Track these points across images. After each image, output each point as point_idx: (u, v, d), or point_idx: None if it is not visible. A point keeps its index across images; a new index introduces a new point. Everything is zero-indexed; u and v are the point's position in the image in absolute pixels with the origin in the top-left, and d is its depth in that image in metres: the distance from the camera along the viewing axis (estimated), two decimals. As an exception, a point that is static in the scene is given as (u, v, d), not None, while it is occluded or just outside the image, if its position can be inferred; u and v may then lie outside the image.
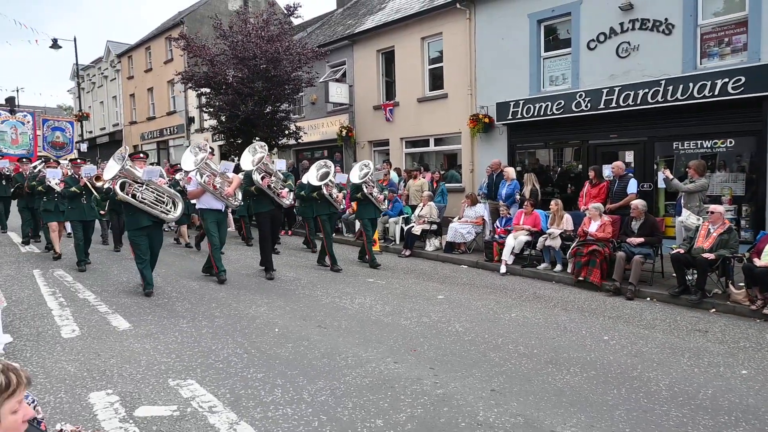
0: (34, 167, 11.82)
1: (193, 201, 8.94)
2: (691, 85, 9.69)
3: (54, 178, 9.71)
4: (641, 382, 4.43)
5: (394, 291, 7.68)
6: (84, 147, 26.75)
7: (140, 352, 5.06)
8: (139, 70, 31.19)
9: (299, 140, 17.04)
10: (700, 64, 9.95)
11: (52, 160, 12.27)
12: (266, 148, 8.61)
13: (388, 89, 16.61)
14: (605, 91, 10.86)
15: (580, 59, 11.55)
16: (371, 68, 16.70)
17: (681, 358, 5.08)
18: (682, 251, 7.23)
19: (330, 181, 9.62)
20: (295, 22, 18.72)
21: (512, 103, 12.53)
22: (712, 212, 7.22)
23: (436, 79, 15.04)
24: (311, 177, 9.68)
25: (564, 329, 5.98)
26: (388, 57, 16.40)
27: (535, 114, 12.10)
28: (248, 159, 8.37)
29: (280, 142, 16.87)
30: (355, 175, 9.69)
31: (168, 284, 7.92)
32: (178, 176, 11.42)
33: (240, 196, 8.72)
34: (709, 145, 10.00)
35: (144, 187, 6.86)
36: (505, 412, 3.86)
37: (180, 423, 3.64)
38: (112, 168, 7.02)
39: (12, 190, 12.55)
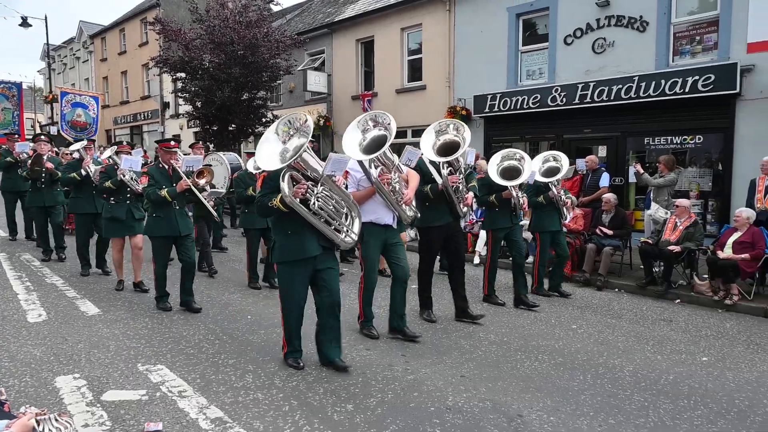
0: (72, 153, 7.99)
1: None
2: (663, 81, 9.89)
3: (131, 169, 6.51)
4: (606, 369, 4.56)
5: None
6: (54, 130, 26.04)
7: (109, 337, 4.99)
8: (113, 52, 30.44)
9: (276, 128, 16.86)
10: (673, 61, 10.17)
11: (121, 145, 7.27)
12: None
13: (367, 79, 16.54)
14: (580, 86, 11.01)
15: (556, 54, 11.68)
16: (350, 58, 16.60)
17: (645, 345, 5.23)
18: (650, 243, 7.42)
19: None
20: (274, 8, 18.44)
21: (489, 96, 12.62)
22: (678, 206, 7.43)
23: (415, 71, 15.04)
24: (492, 170, 6.24)
25: (534, 318, 6.09)
26: (368, 47, 16.32)
27: (512, 107, 12.21)
28: (429, 140, 5.41)
29: (256, 130, 16.69)
30: (535, 170, 6.61)
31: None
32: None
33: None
34: (679, 141, 10.24)
35: (321, 188, 3.92)
36: (473, 397, 3.93)
37: (149, 407, 3.62)
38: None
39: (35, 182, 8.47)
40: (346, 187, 4.28)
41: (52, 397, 3.71)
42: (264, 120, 16.45)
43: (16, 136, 10.81)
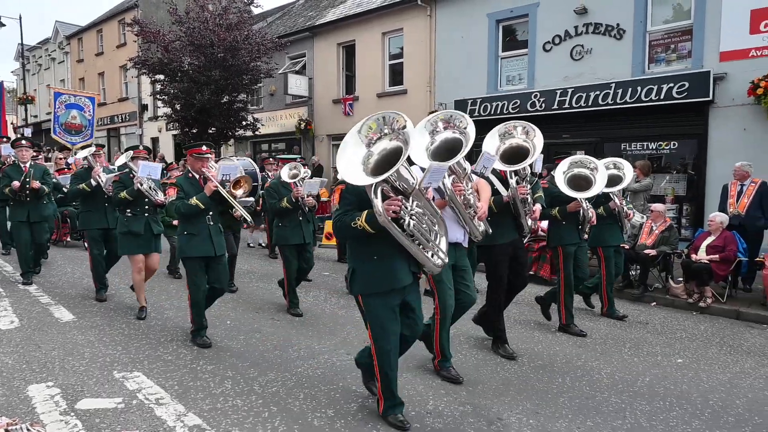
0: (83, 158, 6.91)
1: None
2: (639, 88, 10.09)
3: (150, 177, 5.74)
4: (584, 371, 4.62)
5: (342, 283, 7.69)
6: (28, 132, 25.49)
7: (84, 344, 4.89)
8: (90, 53, 29.92)
9: (257, 132, 16.78)
10: (648, 68, 10.38)
11: (137, 150, 6.54)
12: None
13: (348, 83, 16.54)
14: (559, 92, 11.17)
15: (535, 60, 11.83)
16: (331, 61, 16.59)
17: (622, 348, 5.31)
18: (626, 247, 7.54)
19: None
20: (255, 11, 18.38)
21: (470, 101, 12.72)
22: (653, 211, 7.58)
23: (396, 75, 15.08)
24: (559, 179, 5.52)
25: (514, 322, 6.13)
26: (349, 51, 16.33)
27: (492, 112, 12.32)
28: (493, 145, 4.77)
29: (236, 134, 16.56)
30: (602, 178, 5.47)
31: (116, 276, 7.66)
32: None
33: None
34: (654, 147, 10.45)
35: (414, 204, 3.22)
36: (454, 401, 3.94)
37: (125, 415, 3.55)
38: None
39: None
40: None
41: (25, 407, 3.61)
42: (244, 123, 16.34)
43: (4, 139, 9.81)
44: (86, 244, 9.38)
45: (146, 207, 5.76)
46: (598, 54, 10.82)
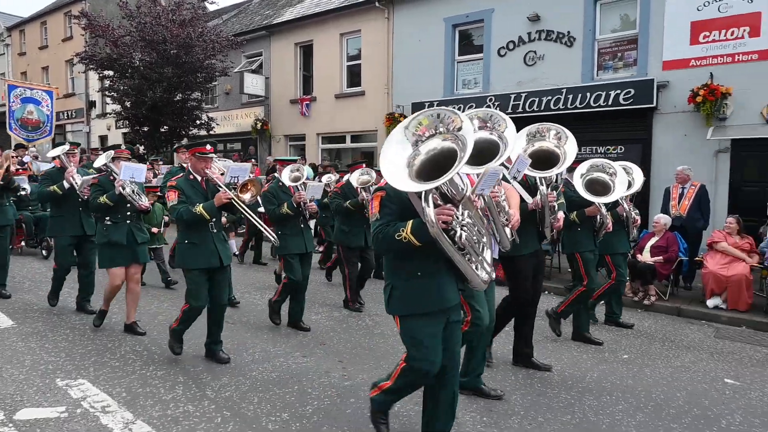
0: (52, 158, 6.34)
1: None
2: (588, 94, 10.46)
3: (133, 179, 5.13)
4: (536, 369, 4.73)
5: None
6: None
7: (24, 351, 4.66)
8: (33, 46, 28.51)
9: (211, 131, 16.41)
10: (597, 75, 10.77)
11: (118, 149, 5.69)
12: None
13: (306, 83, 16.42)
14: (513, 96, 11.44)
15: (491, 65, 12.08)
16: (289, 61, 16.42)
17: (572, 345, 5.48)
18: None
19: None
20: (210, 8, 17.98)
21: (427, 104, 12.82)
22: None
23: (354, 76, 15.08)
24: (578, 182, 5.15)
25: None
26: (307, 51, 16.22)
27: (449, 115, 12.48)
28: (519, 146, 4.39)
29: (190, 133, 16.15)
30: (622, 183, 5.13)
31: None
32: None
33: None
34: (603, 151, 10.84)
35: (465, 213, 2.89)
36: (409, 401, 3.94)
37: (68, 424, 3.40)
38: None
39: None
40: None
41: (-43, 419, 3.41)
42: (198, 122, 15.96)
43: None
44: (44, 252, 8.79)
45: (128, 213, 5.14)
46: (550, 60, 11.15)
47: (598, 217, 5.28)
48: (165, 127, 15.51)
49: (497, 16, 11.89)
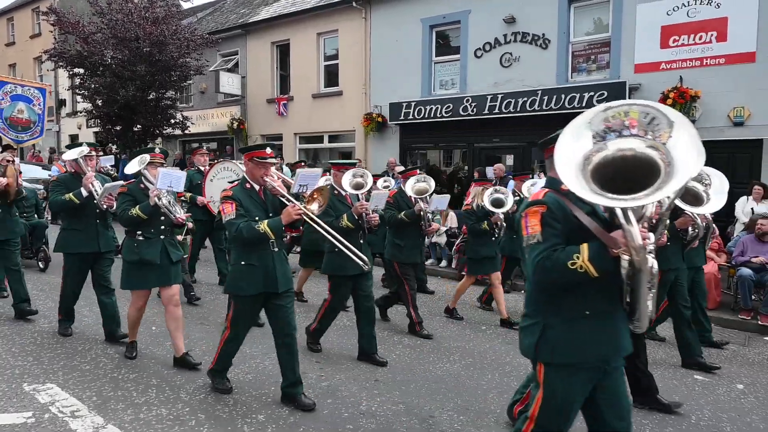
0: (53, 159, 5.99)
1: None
2: (563, 96, 10.60)
3: (170, 188, 4.41)
4: (512, 367, 4.78)
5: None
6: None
7: (-11, 355, 4.51)
8: (-1, 43, 27.73)
9: (186, 130, 16.17)
10: (571, 77, 10.93)
11: (153, 153, 4.76)
12: None
13: (283, 83, 16.28)
14: (489, 97, 11.53)
15: (467, 66, 12.16)
16: (265, 60, 16.27)
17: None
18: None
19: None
20: (184, 5, 17.75)
21: (404, 104, 12.87)
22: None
23: (332, 76, 15.02)
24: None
25: (447, 321, 6.26)
26: (283, 50, 16.09)
27: (426, 116, 12.54)
28: None
29: (164, 132, 15.88)
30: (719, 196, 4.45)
31: (28, 281, 7.12)
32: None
33: None
34: (577, 152, 11.01)
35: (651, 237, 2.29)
36: (387, 401, 3.96)
37: (35, 430, 3.31)
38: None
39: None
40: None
41: None
42: (173, 121, 15.70)
43: None
44: (41, 264, 7.90)
45: (162, 228, 4.44)
46: (526, 62, 11.27)
47: (690, 229, 4.72)
48: (138, 126, 15.21)
49: (474, 18, 11.98)
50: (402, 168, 10.06)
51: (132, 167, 4.47)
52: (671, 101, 9.33)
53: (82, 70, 14.98)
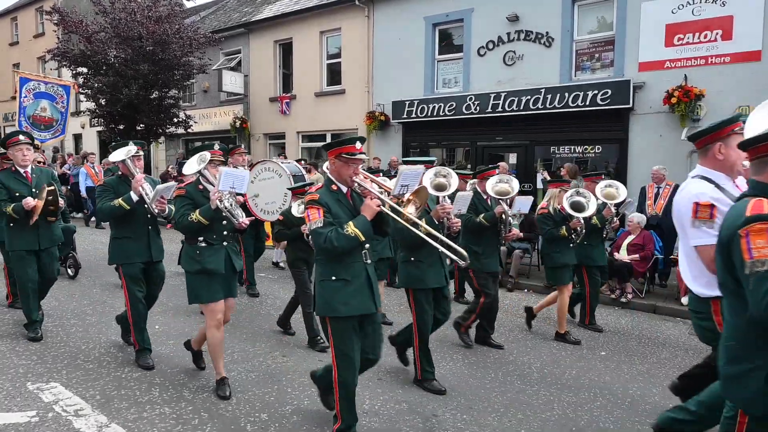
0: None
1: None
2: (566, 94, 10.56)
3: (233, 190, 3.95)
4: (515, 366, 4.77)
5: (286, 286, 7.56)
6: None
7: (-7, 354, 4.52)
8: (3, 42, 27.75)
9: (189, 129, 16.19)
10: (575, 76, 10.89)
11: (213, 150, 4.24)
12: None
13: (285, 81, 16.28)
14: (492, 95, 11.50)
15: (470, 64, 12.12)
16: (268, 59, 16.27)
17: (551, 342, 5.53)
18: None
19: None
20: (187, 4, 17.74)
21: (407, 103, 12.85)
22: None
23: (335, 75, 15.01)
24: None
25: (450, 320, 6.23)
26: (286, 48, 16.08)
27: (429, 114, 12.52)
28: None
29: (167, 131, 15.90)
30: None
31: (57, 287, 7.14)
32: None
33: None
34: (581, 150, 10.98)
35: None
36: (390, 400, 3.95)
37: (39, 429, 3.31)
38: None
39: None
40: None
41: None
42: (176, 120, 15.72)
43: None
44: (71, 271, 7.30)
45: (224, 233, 4.01)
46: (529, 60, 11.23)
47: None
48: (141, 125, 15.23)
49: (477, 16, 11.94)
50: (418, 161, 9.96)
51: (191, 167, 4.02)
52: (676, 99, 9.29)
53: (85, 70, 15.01)
